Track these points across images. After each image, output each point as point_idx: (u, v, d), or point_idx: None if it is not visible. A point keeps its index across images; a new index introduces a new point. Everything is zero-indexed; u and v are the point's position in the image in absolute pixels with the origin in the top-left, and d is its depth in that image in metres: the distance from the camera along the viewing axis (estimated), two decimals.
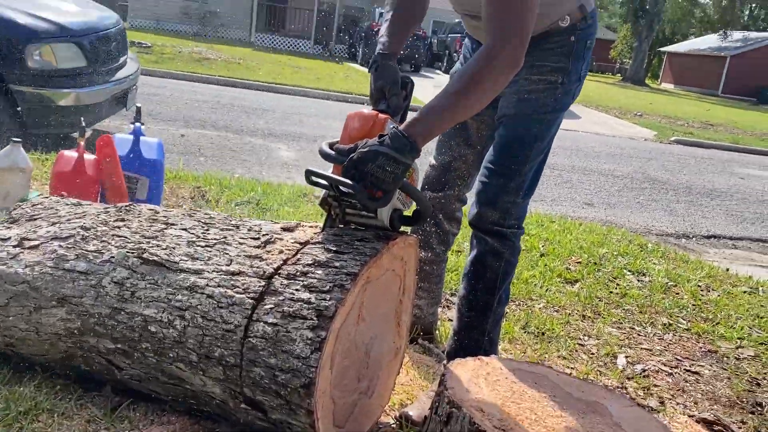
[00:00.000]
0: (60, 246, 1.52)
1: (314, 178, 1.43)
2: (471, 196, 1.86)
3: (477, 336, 1.80)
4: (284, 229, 1.52)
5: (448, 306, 2.54)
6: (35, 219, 1.74)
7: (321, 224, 1.56)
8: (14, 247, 1.56)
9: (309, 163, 1.45)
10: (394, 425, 1.62)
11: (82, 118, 3.20)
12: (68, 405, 1.48)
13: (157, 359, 1.38)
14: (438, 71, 19.90)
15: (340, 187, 1.40)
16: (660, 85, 38.92)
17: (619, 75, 41.78)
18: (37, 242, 1.56)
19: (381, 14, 19.12)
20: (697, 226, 5.49)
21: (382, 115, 1.52)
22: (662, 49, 40.68)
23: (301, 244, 1.45)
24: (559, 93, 1.73)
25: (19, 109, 4.32)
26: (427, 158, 2.00)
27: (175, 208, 3.31)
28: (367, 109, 1.55)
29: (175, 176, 3.97)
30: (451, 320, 2.36)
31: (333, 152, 1.42)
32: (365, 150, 1.36)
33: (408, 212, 1.56)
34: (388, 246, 1.42)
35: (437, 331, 2.27)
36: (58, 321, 1.46)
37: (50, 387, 1.53)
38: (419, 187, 1.79)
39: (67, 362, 1.51)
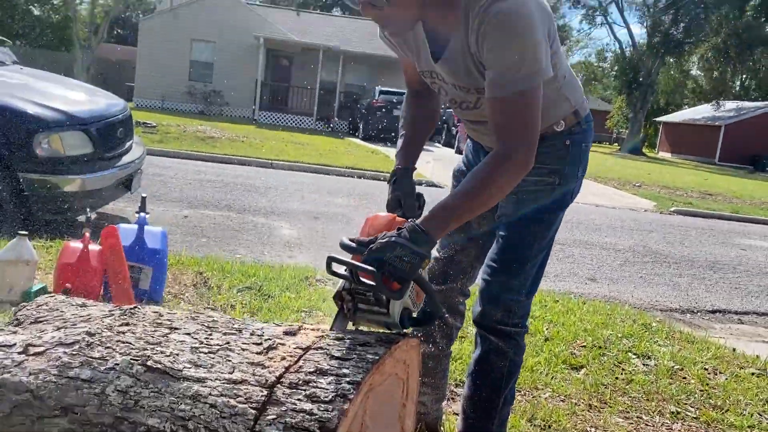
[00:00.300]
0: (65, 353, 1.53)
1: (335, 265, 1.49)
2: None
3: None
4: (286, 333, 1.53)
5: (452, 398, 2.51)
6: (40, 321, 1.75)
7: (323, 326, 1.58)
8: (19, 353, 1.56)
9: (310, 242, 1.51)
10: None
11: (88, 209, 3.26)
12: None
13: None
14: (437, 144, 20.27)
15: (359, 275, 1.46)
16: (657, 153, 39.52)
17: (617, 144, 42.51)
18: (42, 348, 1.56)
19: (381, 92, 19.70)
20: (701, 300, 5.46)
21: (399, 218, 1.65)
22: (657, 119, 41.54)
23: (303, 349, 1.45)
24: (557, 194, 1.79)
25: (25, 194, 4.39)
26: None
27: (176, 298, 3.32)
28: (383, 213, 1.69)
29: (178, 261, 4.00)
30: (457, 414, 2.34)
31: (354, 244, 1.50)
32: (384, 240, 1.45)
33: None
34: (390, 350, 1.43)
35: (442, 427, 2.23)
36: (61, 431, 1.44)
37: None
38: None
39: None
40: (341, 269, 1.50)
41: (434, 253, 2.09)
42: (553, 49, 1.65)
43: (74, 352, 1.53)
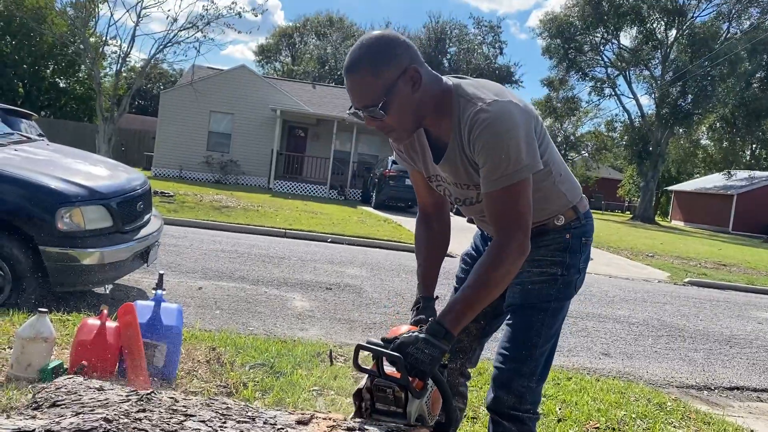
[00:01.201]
0: None
1: (361, 361, 1.62)
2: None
3: None
4: (299, 423, 1.56)
5: None
6: (58, 405, 1.79)
7: (334, 415, 1.60)
8: None
9: (322, 313, 1.59)
10: None
11: (105, 287, 3.33)
12: None
13: None
14: None
15: (383, 368, 1.59)
16: (670, 222, 39.47)
17: (629, 213, 42.53)
18: None
19: (393, 162, 20.01)
20: (718, 376, 5.38)
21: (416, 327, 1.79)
22: (669, 188, 41.67)
23: None
24: (561, 284, 1.92)
25: (45, 266, 4.48)
26: None
27: (189, 374, 3.34)
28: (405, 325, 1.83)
29: (192, 336, 4.04)
30: None
31: (379, 342, 1.62)
32: (407, 336, 1.61)
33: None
34: None
35: None
36: None
37: None
38: None
39: None
40: (365, 364, 1.63)
41: None
42: (543, 146, 1.84)
43: None
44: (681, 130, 35.93)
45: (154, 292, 3.26)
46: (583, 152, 49.43)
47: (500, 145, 1.68)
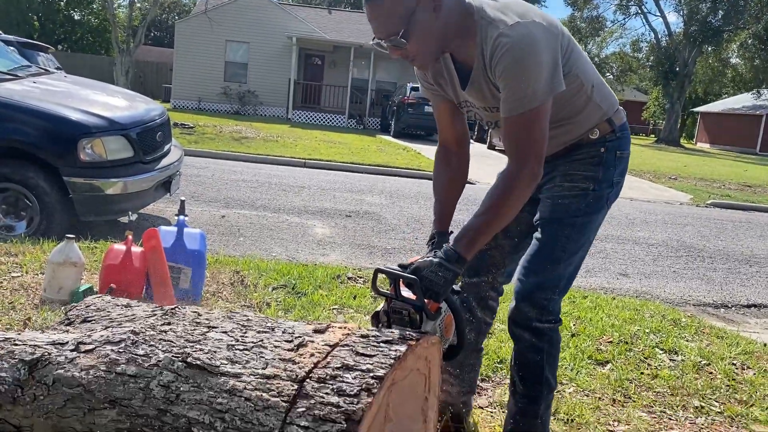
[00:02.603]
0: (112, 350, 1.66)
1: (378, 284, 1.69)
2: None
3: (531, 420, 1.99)
4: (316, 331, 1.63)
5: (478, 393, 2.59)
6: (89, 321, 1.89)
7: (350, 324, 1.68)
8: (71, 351, 1.70)
9: (342, 240, 1.66)
10: None
11: (130, 213, 3.42)
12: None
13: None
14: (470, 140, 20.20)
15: (400, 290, 1.66)
16: (696, 145, 38.70)
17: (653, 136, 41.71)
18: (91, 346, 1.70)
19: (412, 89, 19.71)
20: (735, 295, 5.42)
21: None
22: (695, 109, 40.65)
23: (330, 346, 1.55)
24: (591, 199, 1.93)
25: (70, 197, 4.60)
26: None
27: (215, 296, 3.47)
28: None
29: (216, 261, 4.15)
30: (482, 407, 2.43)
31: (396, 267, 1.69)
32: (421, 261, 1.68)
33: None
34: (412, 348, 1.52)
35: (470, 419, 2.31)
36: (110, 422, 1.58)
37: None
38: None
39: None
40: (383, 287, 1.71)
41: None
42: (572, 59, 1.82)
43: (121, 350, 1.66)
44: (710, 49, 34.68)
45: (176, 218, 3.34)
46: (608, 74, 48.10)
47: (521, 70, 1.67)
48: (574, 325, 3.55)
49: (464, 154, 2.07)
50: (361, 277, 4.18)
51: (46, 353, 1.71)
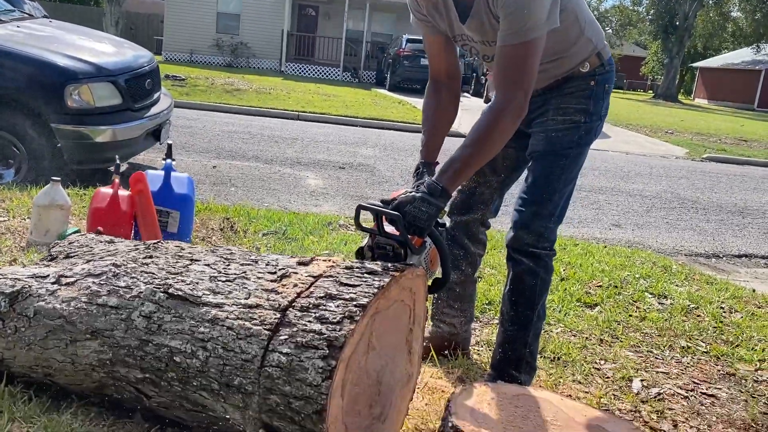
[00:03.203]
0: (93, 282, 1.64)
1: (362, 219, 1.67)
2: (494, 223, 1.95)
3: (519, 348, 2.04)
4: (300, 264, 1.62)
5: (478, 320, 2.65)
6: (71, 256, 1.87)
7: (335, 258, 1.66)
8: (52, 284, 1.68)
9: (335, 191, 1.62)
10: None
11: (117, 157, 3.36)
12: (102, 431, 1.58)
13: (182, 388, 1.48)
14: (466, 94, 19.99)
15: (384, 229, 1.64)
16: (693, 100, 38.44)
17: (651, 92, 41.36)
18: (72, 279, 1.68)
19: (407, 41, 19.39)
20: (727, 245, 5.43)
21: None
22: (694, 64, 40.23)
23: (314, 277, 1.54)
24: (583, 131, 1.99)
25: (58, 145, 4.54)
26: None
27: (204, 241, 3.45)
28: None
29: (206, 208, 4.12)
30: (470, 346, 2.45)
31: (378, 203, 1.67)
32: (404, 196, 1.66)
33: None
34: (396, 278, 1.51)
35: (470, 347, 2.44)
36: (92, 353, 1.57)
37: (85, 414, 1.64)
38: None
39: (101, 391, 1.62)
40: (367, 224, 1.68)
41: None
42: None
43: (102, 282, 1.64)
44: (711, 2, 34.11)
45: (163, 161, 3.29)
46: (607, 29, 47.41)
47: (523, 2, 1.69)
48: (564, 270, 3.55)
49: (455, 87, 2.05)
50: (353, 225, 4.16)
51: (27, 285, 1.69)
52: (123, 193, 3.07)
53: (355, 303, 1.42)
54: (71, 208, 3.19)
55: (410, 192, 1.67)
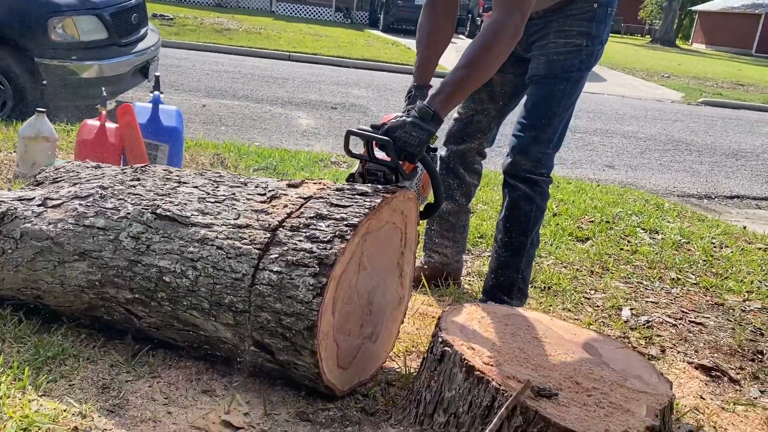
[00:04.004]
0: (80, 204, 1.62)
1: (351, 145, 1.63)
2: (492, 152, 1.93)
3: (512, 274, 2.03)
4: (290, 186, 1.59)
5: (469, 251, 2.65)
6: (58, 181, 1.84)
7: (325, 180, 1.64)
8: (38, 206, 1.66)
9: (327, 131, 1.59)
10: (398, 369, 1.70)
11: (103, 89, 3.29)
12: (92, 351, 1.58)
13: (172, 307, 1.48)
14: (461, 36, 19.62)
15: (374, 155, 1.61)
16: (691, 45, 37.92)
17: (649, 36, 40.72)
18: (59, 201, 1.65)
19: None
20: (720, 186, 5.44)
21: None
22: (693, 8, 39.48)
23: (304, 198, 1.52)
24: (584, 55, 1.94)
25: (44, 81, 4.44)
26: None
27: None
28: None
29: (196, 144, 4.07)
30: (462, 277, 2.45)
31: (368, 128, 1.63)
32: (395, 121, 1.60)
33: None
34: (387, 199, 1.49)
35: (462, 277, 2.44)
36: (81, 274, 1.56)
37: (76, 335, 1.64)
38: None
39: (91, 313, 1.62)
40: (358, 149, 1.65)
41: (454, 113, 2.21)
42: None
43: (89, 204, 1.62)
44: None
45: (151, 94, 3.23)
46: None
47: None
48: (556, 206, 3.55)
49: (452, 9, 1.99)
50: (345, 162, 4.13)
51: (12, 208, 1.66)
52: (110, 125, 3.02)
53: (345, 222, 1.40)
54: (57, 141, 3.14)
55: (401, 116, 1.63)
